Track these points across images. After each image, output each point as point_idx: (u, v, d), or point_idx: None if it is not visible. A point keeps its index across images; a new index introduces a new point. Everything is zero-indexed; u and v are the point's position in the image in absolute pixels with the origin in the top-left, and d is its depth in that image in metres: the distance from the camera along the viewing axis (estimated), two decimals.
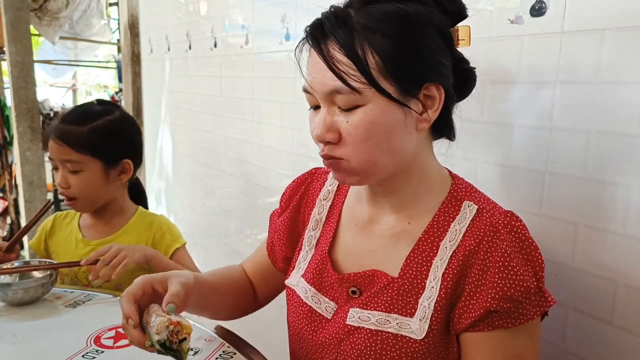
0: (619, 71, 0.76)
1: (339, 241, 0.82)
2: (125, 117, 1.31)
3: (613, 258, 0.80)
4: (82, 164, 1.20)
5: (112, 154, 1.24)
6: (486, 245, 0.67)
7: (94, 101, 1.31)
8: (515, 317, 0.66)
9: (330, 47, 0.66)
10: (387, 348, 0.70)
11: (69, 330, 0.94)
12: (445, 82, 0.70)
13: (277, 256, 0.93)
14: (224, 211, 2.16)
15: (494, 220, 0.69)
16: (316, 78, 0.69)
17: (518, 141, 0.91)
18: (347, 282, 0.77)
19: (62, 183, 1.21)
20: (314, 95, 0.70)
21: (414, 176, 0.74)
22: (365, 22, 0.65)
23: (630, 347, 0.78)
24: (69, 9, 4.25)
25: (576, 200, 0.83)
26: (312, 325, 0.79)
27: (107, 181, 1.25)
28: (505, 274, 0.65)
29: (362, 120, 0.66)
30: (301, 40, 0.72)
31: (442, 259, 0.70)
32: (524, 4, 0.88)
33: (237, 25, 1.87)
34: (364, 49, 0.65)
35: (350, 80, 0.65)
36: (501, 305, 0.65)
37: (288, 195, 0.93)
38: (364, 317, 0.73)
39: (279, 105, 1.67)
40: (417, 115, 0.69)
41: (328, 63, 0.66)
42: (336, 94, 0.67)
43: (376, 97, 0.66)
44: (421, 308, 0.70)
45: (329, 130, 0.69)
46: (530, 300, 0.66)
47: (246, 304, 0.97)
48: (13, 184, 4.02)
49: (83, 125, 1.20)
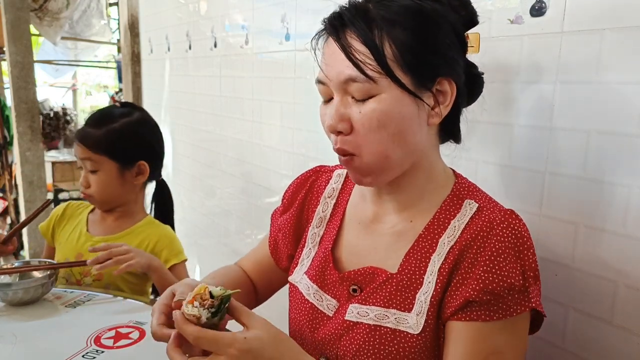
0: (619, 71, 0.76)
1: (342, 239, 0.83)
2: (144, 119, 1.37)
3: (613, 258, 0.80)
4: (99, 163, 1.27)
5: (127, 155, 1.30)
6: (480, 241, 0.68)
7: (116, 104, 1.37)
8: (493, 311, 0.66)
9: (349, 36, 0.68)
10: (385, 343, 0.70)
11: (69, 330, 0.94)
12: (458, 78, 0.71)
13: (280, 254, 0.93)
14: (224, 211, 2.16)
15: (491, 217, 0.69)
16: (332, 67, 0.70)
17: (518, 141, 0.91)
18: (348, 281, 0.77)
19: (83, 182, 1.29)
20: (328, 86, 0.71)
21: (420, 175, 0.75)
22: (384, 14, 0.67)
23: (630, 347, 0.78)
24: (69, 9, 4.25)
25: (576, 200, 0.83)
26: (313, 322, 0.79)
27: (123, 182, 1.31)
28: (490, 267, 0.66)
29: (375, 110, 0.67)
30: (319, 30, 0.73)
31: (440, 255, 0.71)
32: (524, 4, 0.88)
33: (237, 25, 1.87)
34: (382, 39, 0.66)
35: (366, 68, 0.66)
36: (480, 296, 0.65)
37: (291, 193, 0.93)
38: (362, 313, 0.73)
39: (279, 105, 1.67)
40: (429, 109, 0.70)
41: (345, 51, 0.67)
42: (351, 82, 0.68)
43: (390, 88, 0.67)
44: (418, 303, 0.70)
45: (341, 119, 0.69)
46: (513, 297, 0.66)
47: (248, 303, 0.97)
48: (13, 184, 4.02)
49: (100, 127, 1.28)
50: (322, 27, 0.72)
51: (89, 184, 1.28)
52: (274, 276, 0.96)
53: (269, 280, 0.97)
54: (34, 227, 3.27)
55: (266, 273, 0.96)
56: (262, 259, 0.97)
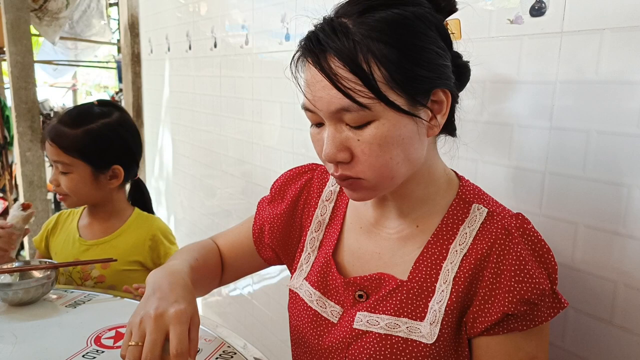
0: (619, 71, 0.76)
1: (343, 244, 0.81)
2: (123, 120, 1.29)
3: (613, 258, 0.80)
4: (72, 166, 1.21)
5: (103, 159, 1.24)
6: (499, 249, 0.67)
7: (94, 102, 1.30)
8: (530, 320, 0.66)
9: (332, 63, 0.62)
10: (397, 352, 0.69)
11: (69, 330, 0.94)
12: (451, 85, 0.68)
13: (264, 245, 0.91)
14: (224, 211, 2.16)
15: (505, 223, 0.68)
16: (320, 97, 0.64)
17: (518, 141, 0.91)
18: (353, 286, 0.76)
19: (53, 181, 1.24)
20: (317, 114, 0.66)
21: (421, 179, 0.73)
22: (366, 33, 0.61)
23: (630, 347, 0.78)
24: (69, 9, 4.25)
25: (576, 200, 0.83)
26: (317, 329, 0.78)
27: (97, 185, 1.26)
28: (521, 277, 0.65)
29: (376, 136, 0.63)
30: (295, 53, 0.68)
31: (453, 263, 0.69)
32: (523, 4, 0.88)
33: (237, 25, 1.87)
34: (369, 61, 0.61)
35: (357, 96, 0.61)
36: (518, 308, 0.64)
37: (281, 184, 0.91)
38: (372, 321, 0.72)
39: (279, 105, 1.67)
40: (427, 123, 0.67)
41: (332, 81, 0.62)
42: (344, 112, 0.63)
43: (386, 111, 0.63)
44: (431, 312, 0.69)
45: (340, 149, 0.65)
46: (545, 302, 0.66)
47: (212, 286, 0.94)
48: (13, 184, 4.02)
49: (77, 128, 1.21)
50: (299, 52, 0.67)
51: (59, 183, 1.23)
52: (248, 262, 0.94)
53: (242, 264, 0.94)
54: (34, 227, 3.27)
55: (241, 257, 0.94)
56: (241, 243, 0.94)
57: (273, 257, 0.91)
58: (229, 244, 0.96)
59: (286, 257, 0.91)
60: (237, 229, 0.97)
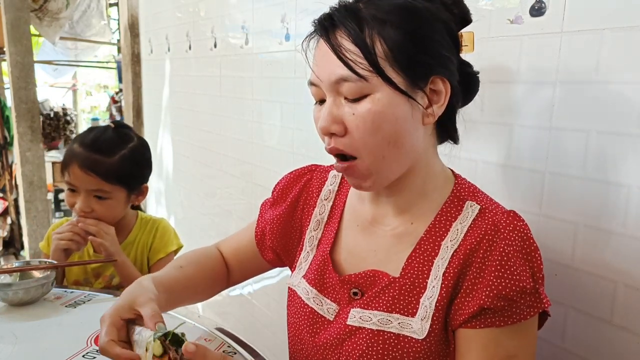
0: (619, 71, 0.76)
1: (341, 242, 0.82)
2: (142, 140, 1.34)
3: (613, 258, 0.80)
4: (111, 193, 1.21)
5: (137, 181, 1.28)
6: (486, 244, 0.67)
7: (110, 124, 1.29)
8: (507, 316, 0.66)
9: (339, 36, 0.67)
10: (389, 348, 0.69)
11: (69, 330, 0.94)
12: (452, 77, 0.70)
13: (266, 247, 0.92)
14: (224, 211, 2.16)
15: (495, 219, 0.69)
16: (323, 67, 0.69)
17: (518, 141, 0.91)
18: (348, 284, 0.77)
19: (85, 208, 1.19)
20: (320, 87, 0.70)
21: (418, 176, 0.74)
22: (375, 13, 0.67)
23: (630, 347, 0.78)
24: (69, 10, 4.25)
25: (576, 200, 0.83)
26: (313, 327, 0.79)
27: (127, 205, 1.29)
28: (502, 272, 0.65)
29: (369, 111, 0.66)
30: (309, 32, 0.72)
31: (443, 258, 0.70)
32: (523, 4, 0.88)
33: (237, 25, 1.87)
34: (373, 38, 0.66)
35: (356, 67, 0.65)
36: (495, 303, 0.65)
37: (282, 186, 0.92)
38: (365, 317, 0.72)
39: (279, 105, 1.67)
40: (423, 110, 0.69)
41: (335, 50, 0.67)
42: (343, 82, 0.67)
43: (383, 87, 0.66)
44: (422, 308, 0.70)
45: (335, 121, 0.69)
46: (525, 300, 0.66)
47: (219, 288, 0.96)
48: (13, 184, 4.02)
49: (112, 155, 1.20)
50: (313, 28, 0.72)
51: (92, 209, 1.20)
52: (253, 264, 0.95)
53: (247, 267, 0.96)
54: (34, 227, 3.27)
55: (245, 261, 0.96)
56: (244, 246, 0.95)
57: (275, 258, 0.92)
58: (233, 247, 0.98)
59: (287, 257, 0.91)
60: (241, 233, 0.99)
